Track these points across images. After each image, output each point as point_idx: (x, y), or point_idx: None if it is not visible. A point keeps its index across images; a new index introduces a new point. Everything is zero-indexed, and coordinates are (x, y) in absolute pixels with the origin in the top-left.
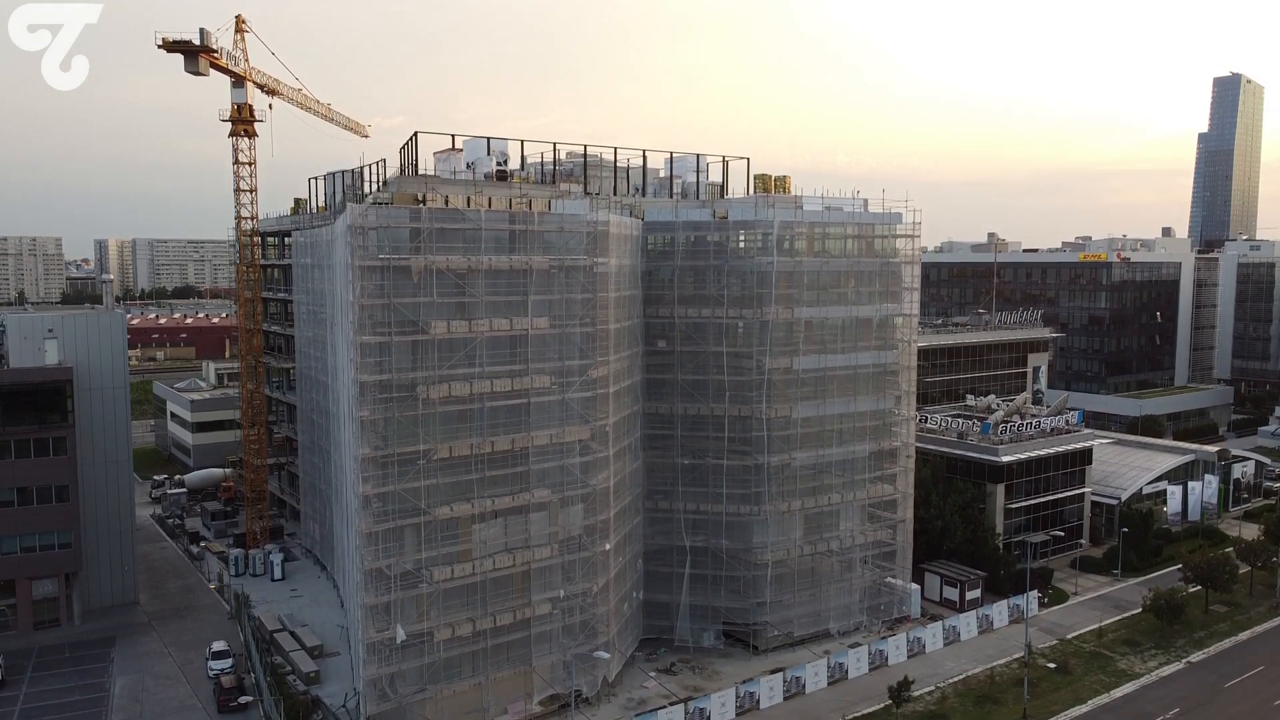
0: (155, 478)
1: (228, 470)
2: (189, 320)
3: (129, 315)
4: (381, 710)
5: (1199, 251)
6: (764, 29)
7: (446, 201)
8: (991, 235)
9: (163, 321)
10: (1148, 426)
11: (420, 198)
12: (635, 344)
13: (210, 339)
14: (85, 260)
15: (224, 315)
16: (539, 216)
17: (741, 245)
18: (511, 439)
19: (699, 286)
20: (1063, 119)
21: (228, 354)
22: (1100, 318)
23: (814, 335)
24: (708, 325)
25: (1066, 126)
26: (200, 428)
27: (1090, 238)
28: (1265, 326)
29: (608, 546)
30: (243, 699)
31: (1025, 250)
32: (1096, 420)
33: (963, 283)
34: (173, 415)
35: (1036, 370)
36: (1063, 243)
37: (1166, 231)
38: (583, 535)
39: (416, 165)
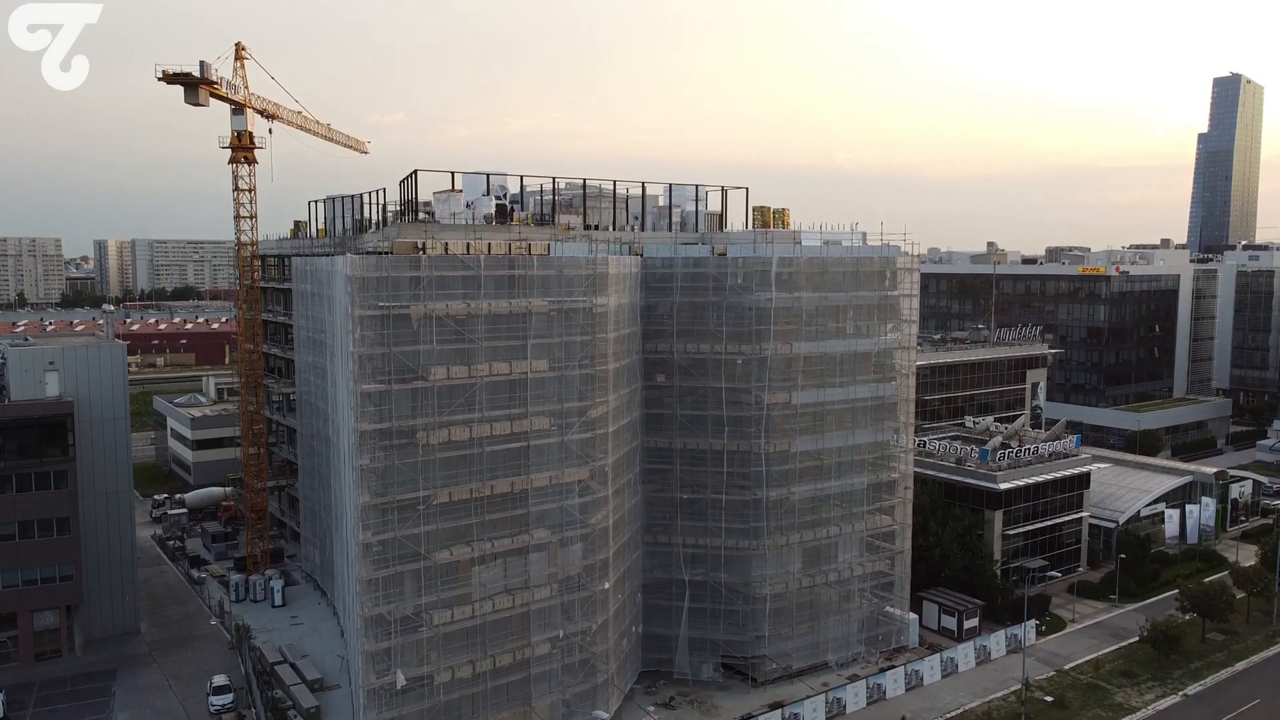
0: (155, 497)
1: (228, 489)
2: (189, 326)
3: (128, 319)
4: None
5: (1198, 259)
6: (761, 29)
7: (446, 248)
8: (991, 245)
9: (162, 327)
10: (1146, 441)
11: (420, 245)
12: (634, 380)
13: (210, 345)
14: (85, 259)
15: (224, 320)
16: (538, 260)
17: (740, 282)
18: (511, 482)
19: (698, 322)
20: (1064, 116)
21: (227, 360)
22: (1099, 330)
23: (812, 369)
24: (706, 361)
25: (1067, 124)
26: (200, 445)
27: (1089, 248)
28: (1264, 336)
29: (606, 585)
30: None
31: (1024, 260)
32: (1095, 434)
33: (962, 295)
34: (173, 432)
35: (1035, 386)
36: (1059, 249)
37: (1165, 243)
38: (582, 574)
39: (416, 203)
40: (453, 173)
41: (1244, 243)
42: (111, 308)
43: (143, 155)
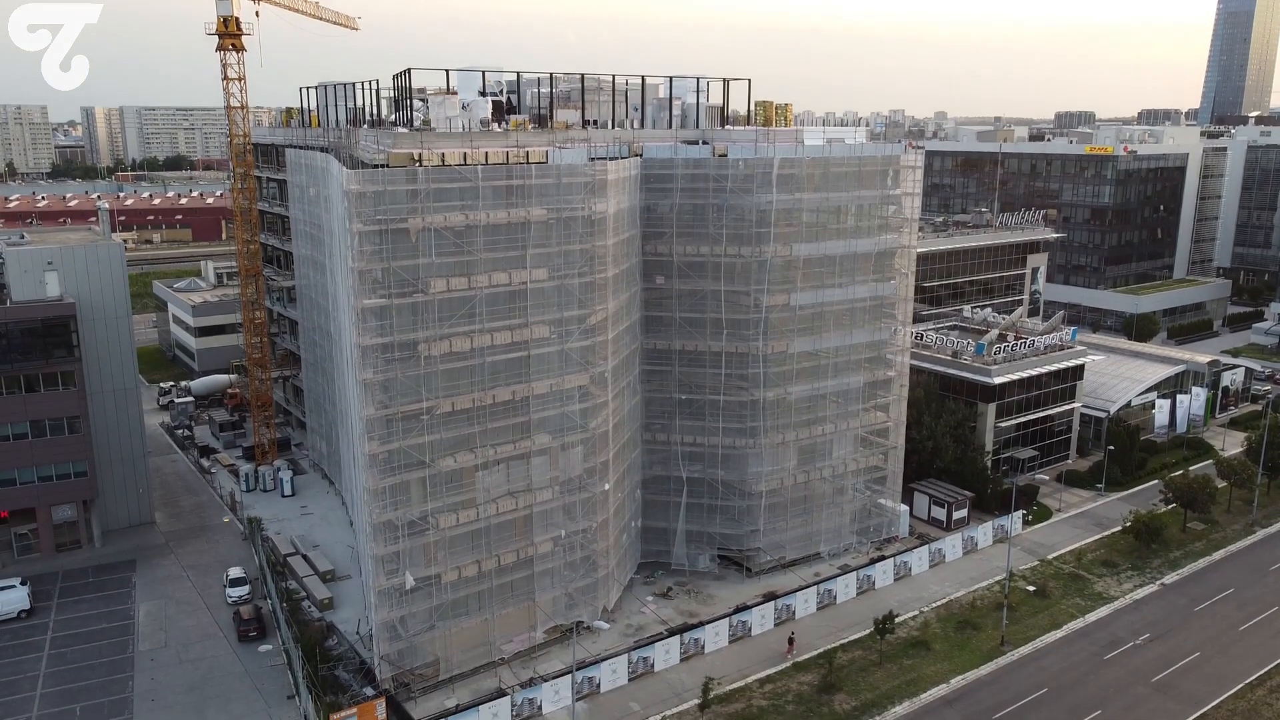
0: (162, 385)
1: (233, 377)
2: (183, 201)
3: (121, 193)
4: (394, 649)
5: (1208, 132)
6: None
7: (443, 159)
8: (997, 120)
9: (157, 202)
10: (1143, 324)
11: (416, 157)
12: (634, 284)
13: (206, 221)
14: (73, 124)
15: (219, 194)
16: (536, 169)
17: (741, 183)
18: (512, 390)
19: (697, 224)
20: None
21: (224, 236)
22: (1103, 211)
23: (811, 270)
24: (705, 263)
25: None
26: (203, 332)
27: (1096, 116)
28: (1269, 215)
29: (606, 486)
30: (262, 648)
31: (1032, 137)
32: (1093, 315)
33: (967, 172)
34: (174, 317)
35: (1035, 271)
36: (1068, 114)
37: (1172, 116)
38: (583, 476)
39: (411, 102)
40: (447, 70)
41: (1256, 114)
42: (106, 206)
43: (124, 14)
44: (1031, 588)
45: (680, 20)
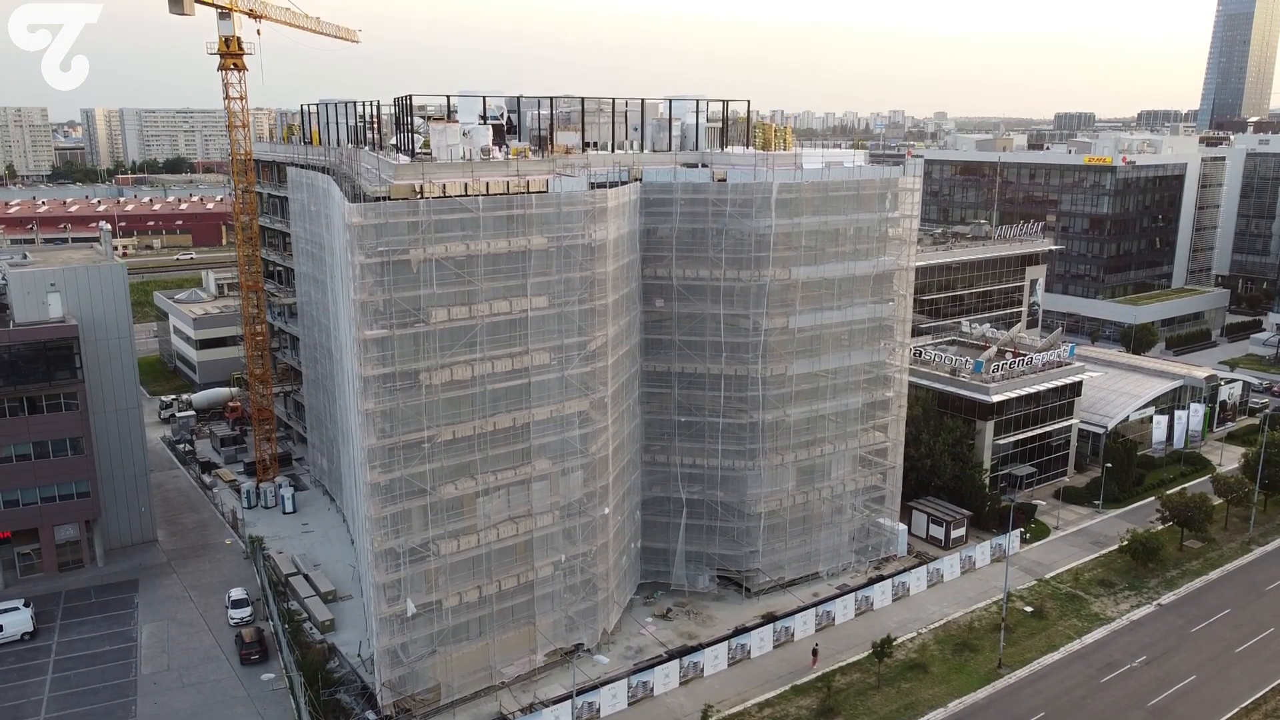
0: (163, 399)
1: (234, 390)
2: (184, 206)
3: (122, 198)
4: (395, 675)
5: (1207, 138)
6: None
7: (444, 189)
8: (998, 126)
9: (157, 208)
10: (1141, 334)
11: (417, 188)
12: (634, 307)
13: (206, 225)
14: (73, 125)
15: (219, 199)
16: (537, 198)
17: (740, 208)
18: (513, 416)
19: (696, 247)
20: None
21: (224, 241)
22: (1101, 220)
23: (810, 293)
24: (705, 286)
25: None
26: (204, 344)
27: (1096, 117)
28: (1268, 223)
29: (606, 510)
30: (265, 675)
31: (1030, 146)
32: (1091, 325)
33: (965, 181)
34: (175, 329)
35: (1034, 283)
36: (1068, 115)
37: (1172, 118)
38: (583, 500)
39: (412, 127)
40: (448, 96)
41: (1255, 119)
42: (108, 226)
43: (125, 16)
44: (1029, 608)
45: (681, 18)
